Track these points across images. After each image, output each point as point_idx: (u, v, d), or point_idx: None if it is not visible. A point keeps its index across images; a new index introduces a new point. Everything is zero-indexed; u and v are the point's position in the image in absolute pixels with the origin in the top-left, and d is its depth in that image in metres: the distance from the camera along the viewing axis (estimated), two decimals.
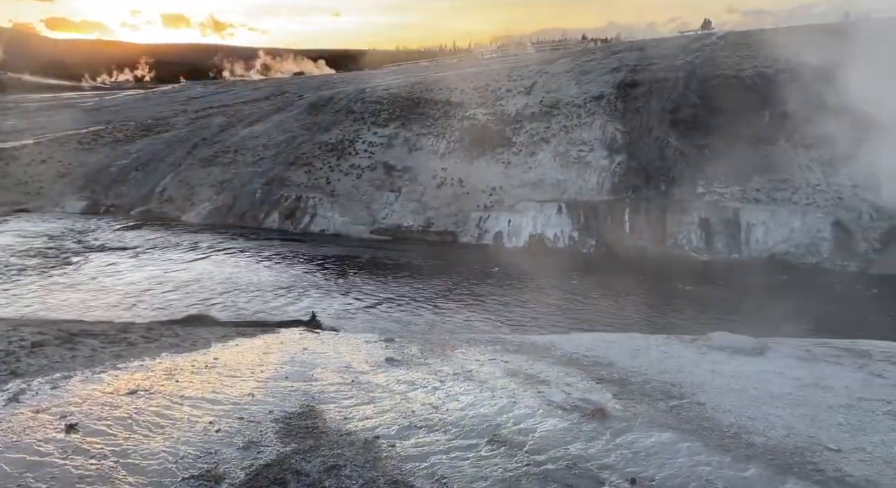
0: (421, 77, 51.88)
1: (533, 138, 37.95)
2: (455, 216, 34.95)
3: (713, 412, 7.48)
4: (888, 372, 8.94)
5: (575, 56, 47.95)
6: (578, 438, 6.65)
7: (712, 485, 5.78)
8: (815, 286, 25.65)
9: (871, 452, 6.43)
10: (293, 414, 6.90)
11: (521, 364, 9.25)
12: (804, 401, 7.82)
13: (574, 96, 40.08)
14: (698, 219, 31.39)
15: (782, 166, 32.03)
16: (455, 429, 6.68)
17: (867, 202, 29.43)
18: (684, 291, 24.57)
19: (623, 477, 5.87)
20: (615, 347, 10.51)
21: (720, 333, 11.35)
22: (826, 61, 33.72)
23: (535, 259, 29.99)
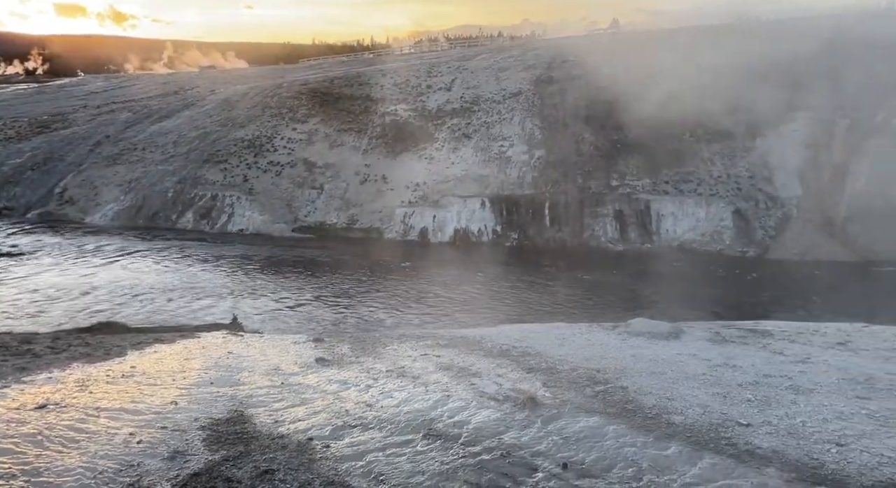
0: (340, 72, 51.08)
1: (455, 134, 38.26)
2: (380, 212, 34.73)
3: (636, 395, 7.85)
4: (788, 350, 9.70)
5: (492, 53, 48.67)
6: (511, 427, 6.80)
7: (637, 465, 6.07)
8: (718, 271, 27.36)
9: (776, 425, 6.96)
10: (221, 421, 6.66)
11: (453, 358, 9.34)
12: (716, 381, 8.35)
13: (493, 92, 40.73)
14: (613, 211, 32.75)
15: (688, 159, 33.92)
16: (390, 426, 6.67)
17: (762, 192, 31.70)
18: (603, 281, 25.56)
19: (555, 462, 6.06)
20: (542, 337, 10.81)
21: (639, 320, 11.90)
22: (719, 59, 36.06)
23: (461, 253, 30.32)
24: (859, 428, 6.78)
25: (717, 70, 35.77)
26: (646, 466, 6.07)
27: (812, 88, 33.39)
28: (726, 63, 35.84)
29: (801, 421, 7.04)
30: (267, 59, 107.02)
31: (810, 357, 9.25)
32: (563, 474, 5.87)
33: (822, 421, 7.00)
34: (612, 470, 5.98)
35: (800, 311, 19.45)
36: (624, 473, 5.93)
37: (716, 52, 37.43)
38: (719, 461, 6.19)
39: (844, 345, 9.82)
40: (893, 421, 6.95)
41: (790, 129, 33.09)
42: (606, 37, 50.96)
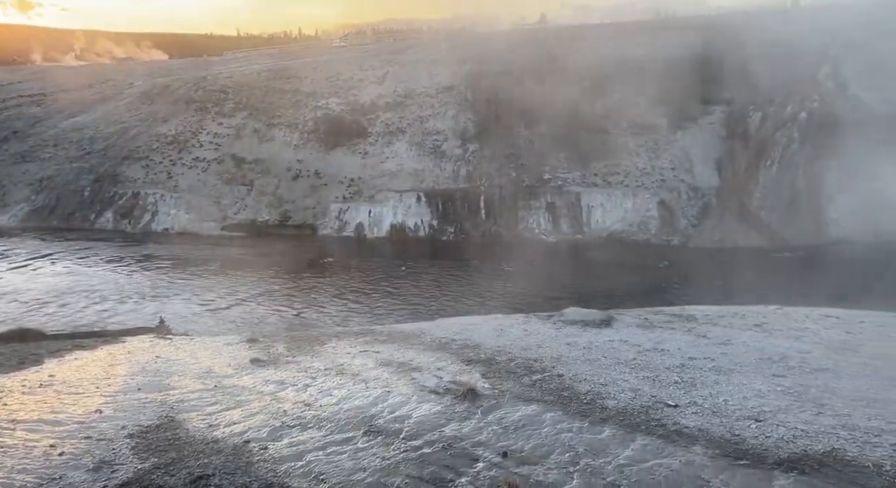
0: (267, 65, 49.71)
1: (389, 128, 38.04)
2: (313, 208, 34.12)
3: (571, 382, 8.07)
4: (711, 333, 10.21)
5: (424, 46, 48.64)
6: (452, 419, 6.85)
7: (574, 450, 6.25)
8: (645, 259, 28.50)
9: (701, 404, 7.32)
10: (150, 428, 6.38)
11: (392, 353, 9.30)
12: (646, 365, 8.70)
13: (426, 86, 40.72)
14: (546, 203, 33.51)
15: (615, 152, 35.09)
16: (330, 425, 6.58)
17: (685, 183, 33.22)
18: (538, 271, 26.12)
19: (495, 451, 6.15)
20: (480, 329, 10.93)
21: (572, 308, 12.21)
22: (644, 55, 37.45)
23: (398, 248, 30.25)
24: (775, 404, 7.23)
25: (640, 65, 37.13)
26: (582, 450, 6.26)
27: (727, 83, 35.18)
28: (648, 58, 37.25)
29: (724, 400, 7.43)
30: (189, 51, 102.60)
31: (731, 339, 9.78)
32: (503, 462, 5.97)
33: (742, 400, 7.41)
34: (551, 456, 6.13)
35: (719, 295, 20.49)
36: (561, 458, 6.08)
37: (639, 47, 38.83)
38: (650, 442, 6.45)
39: (761, 327, 10.44)
40: (805, 396, 7.46)
41: (708, 122, 34.78)
42: (535, 32, 51.88)
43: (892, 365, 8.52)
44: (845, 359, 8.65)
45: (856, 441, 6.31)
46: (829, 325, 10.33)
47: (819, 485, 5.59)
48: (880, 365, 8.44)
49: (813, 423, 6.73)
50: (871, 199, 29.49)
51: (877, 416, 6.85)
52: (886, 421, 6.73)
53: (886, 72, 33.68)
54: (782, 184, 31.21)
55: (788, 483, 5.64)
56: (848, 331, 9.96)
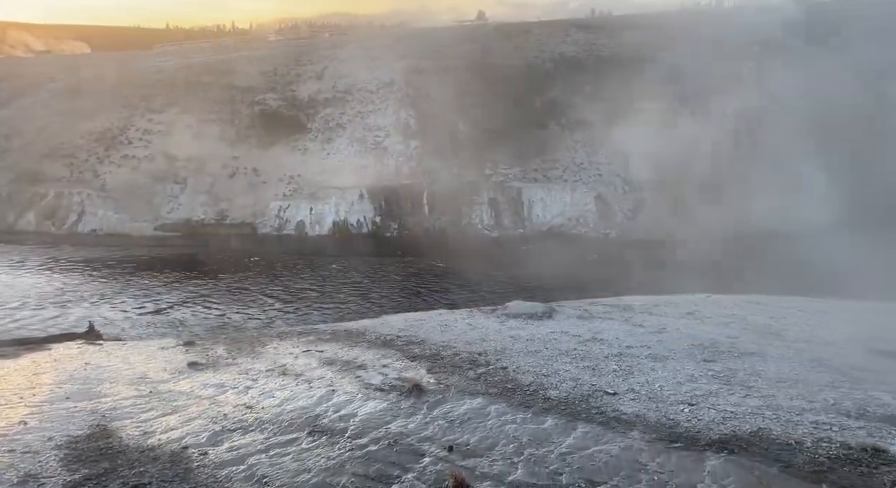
0: (200, 59, 47.98)
1: (329, 124, 37.47)
2: (252, 207, 33.24)
3: (515, 374, 8.21)
4: (647, 322, 10.60)
5: (363, 42, 48.10)
6: (398, 416, 6.86)
7: (518, 440, 6.37)
8: (584, 252, 29.20)
9: (638, 391, 7.60)
10: (80, 438, 6.09)
11: (336, 352, 9.21)
12: (586, 355, 8.95)
13: (366, 82, 40.30)
14: (488, 199, 33.81)
15: (554, 148, 35.76)
16: (273, 426, 6.47)
17: (620, 177, 34.23)
18: (481, 265, 26.32)
19: (441, 446, 6.20)
20: (425, 325, 10.96)
21: (515, 302, 12.42)
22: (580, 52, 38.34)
23: (340, 246, 29.88)
24: (707, 388, 7.59)
25: (576, 62, 37.95)
26: (526, 440, 6.38)
27: (659, 80, 36.38)
28: (584, 55, 38.12)
29: (659, 386, 7.74)
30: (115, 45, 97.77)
31: (665, 327, 10.17)
32: (449, 456, 6.02)
33: (676, 385, 7.73)
34: (496, 448, 6.23)
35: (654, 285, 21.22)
36: (506, 449, 6.19)
37: (574, 45, 39.69)
38: (591, 429, 6.65)
39: (693, 315, 10.91)
40: (734, 379, 7.85)
41: (641, 118, 35.89)
42: (474, 29, 52.22)
43: (812, 347, 9.09)
44: (770, 344, 9.16)
45: (779, 420, 6.70)
46: (756, 311, 10.90)
47: (747, 464, 5.89)
48: (802, 347, 8.98)
49: (741, 405, 7.10)
50: (792, 190, 31.23)
51: (798, 396, 7.29)
52: (807, 400, 7.18)
53: (802, 68, 35.67)
54: (711, 177, 32.59)
55: (719, 463, 5.93)
56: (772, 317, 10.55)
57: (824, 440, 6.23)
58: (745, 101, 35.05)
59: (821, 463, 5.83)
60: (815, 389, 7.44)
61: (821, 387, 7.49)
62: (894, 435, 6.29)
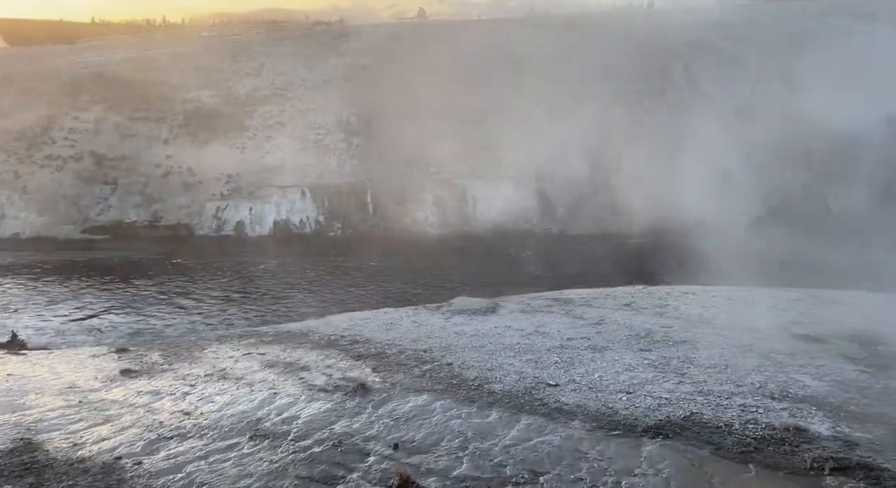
0: (128, 54, 46.00)
1: (268, 122, 36.65)
2: (188, 207, 32.18)
3: (460, 369, 8.28)
4: (586, 314, 10.89)
5: (302, 38, 47.25)
6: (343, 416, 6.80)
7: (463, 435, 6.43)
8: (527, 247, 29.68)
9: (579, 382, 7.80)
10: (2, 452, 5.77)
11: (278, 354, 9.05)
12: (529, 348, 9.11)
13: (305, 79, 39.64)
14: (432, 196, 33.90)
15: (497, 145, 36.15)
16: (212, 432, 6.30)
17: (561, 174, 34.96)
18: (428, 263, 26.36)
19: (387, 444, 6.19)
20: (370, 324, 10.90)
21: (460, 298, 12.52)
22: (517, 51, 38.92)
23: (282, 246, 29.31)
24: (643, 376, 7.87)
25: (516, 60, 38.47)
26: (471, 435, 6.46)
27: (595, 78, 37.32)
28: (523, 54, 38.69)
29: (599, 376, 7.97)
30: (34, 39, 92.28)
31: (604, 319, 10.48)
32: (394, 454, 6.02)
33: (615, 374, 7.98)
34: (441, 444, 6.27)
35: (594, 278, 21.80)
36: (451, 445, 6.24)
37: (514, 43, 40.21)
38: (534, 421, 6.78)
39: (629, 306, 11.28)
40: (668, 367, 8.17)
41: (579, 116, 36.74)
42: (415, 26, 52.16)
43: (739, 334, 9.56)
44: (701, 331, 9.58)
45: (710, 404, 7.03)
46: (688, 301, 11.37)
47: (681, 448, 6.16)
48: (729, 334, 9.43)
49: (675, 392, 7.41)
50: (720, 184, 32.68)
51: (727, 381, 7.66)
52: (735, 384, 7.55)
53: (729, 69, 37.37)
54: (646, 173, 33.72)
55: (655, 448, 6.17)
56: (703, 306, 11.03)
57: (751, 422, 6.58)
58: (677, 99, 36.41)
59: (748, 444, 6.15)
60: (743, 374, 7.83)
61: (748, 372, 7.89)
62: (814, 415, 6.70)
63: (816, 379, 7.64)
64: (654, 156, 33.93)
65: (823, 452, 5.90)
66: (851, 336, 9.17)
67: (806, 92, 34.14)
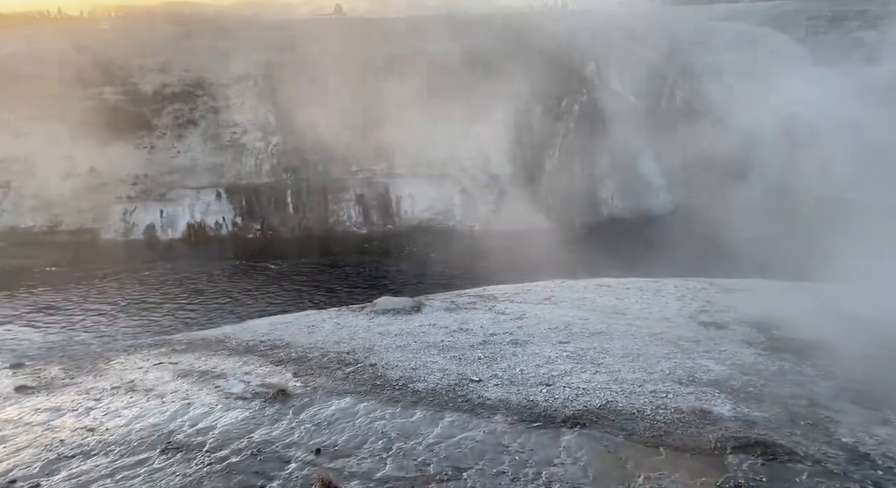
0: (19, 48, 42.51)
1: (178, 120, 34.98)
2: (91, 211, 30.26)
3: (384, 370, 8.22)
4: (508, 310, 11.08)
5: (215, 32, 45.34)
6: (262, 424, 6.61)
7: (387, 436, 6.41)
8: (451, 245, 29.90)
9: (501, 376, 7.94)
10: None
11: (193, 362, 8.66)
12: (453, 345, 9.18)
13: (219, 75, 38.09)
14: (355, 196, 33.54)
15: (420, 144, 36.15)
16: (120, 448, 5.95)
17: (483, 172, 35.46)
18: (349, 263, 26.07)
19: (308, 450, 6.07)
20: (291, 327, 10.62)
21: (384, 298, 12.41)
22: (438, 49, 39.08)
23: (197, 250, 28.13)
24: (562, 368, 8.11)
25: (435, 58, 38.60)
26: (394, 435, 6.44)
27: (513, 78, 38.05)
28: (442, 52, 38.89)
29: (520, 369, 8.14)
30: None
31: (525, 313, 10.71)
32: (316, 460, 5.91)
33: (535, 367, 8.18)
34: (364, 446, 6.22)
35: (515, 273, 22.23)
36: (374, 446, 6.20)
37: (432, 41, 40.31)
38: (457, 417, 6.85)
39: (549, 300, 11.59)
40: (585, 358, 8.46)
41: (500, 115, 37.38)
42: (333, 22, 51.32)
43: (650, 323, 10.02)
44: (616, 322, 9.97)
45: (624, 392, 7.34)
46: (603, 293, 11.81)
47: (597, 436, 6.39)
48: (641, 324, 9.88)
49: (591, 382, 7.68)
50: (633, 180, 34.22)
51: (640, 369, 8.02)
52: (647, 372, 7.92)
53: (638, 69, 39.07)
54: (563, 170, 34.80)
55: (573, 437, 6.37)
56: (617, 297, 11.49)
57: (661, 407, 6.92)
58: (590, 99, 37.71)
59: (659, 429, 6.47)
60: (654, 361, 8.23)
61: (658, 359, 8.29)
62: (717, 397, 7.13)
63: (719, 363, 8.14)
64: (571, 153, 35.05)
65: (726, 432, 6.30)
66: (750, 321, 9.83)
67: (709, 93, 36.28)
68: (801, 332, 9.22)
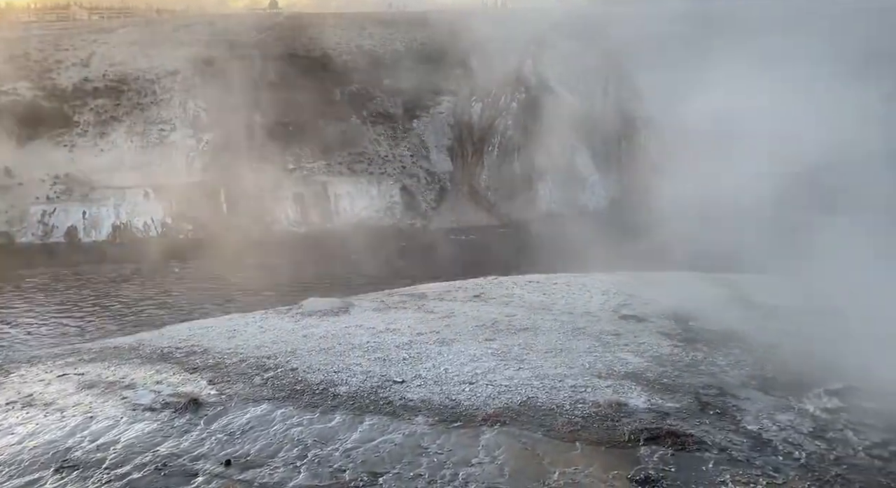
0: None
1: (101, 117, 33.31)
2: (6, 213, 28.47)
3: (305, 374, 8.02)
4: (437, 308, 11.03)
5: (139, 26, 43.44)
6: (170, 436, 6.32)
7: (303, 443, 6.23)
8: (388, 243, 29.65)
9: (425, 376, 7.87)
10: None
11: (101, 372, 8.21)
12: (378, 346, 9.04)
13: (144, 71, 36.47)
14: (292, 194, 32.77)
15: (357, 141, 35.74)
16: (9, 469, 5.57)
17: (423, 169, 35.36)
18: (283, 264, 25.37)
19: (218, 461, 5.83)
20: (212, 332, 10.24)
21: (311, 299, 12.16)
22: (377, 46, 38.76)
23: (123, 252, 26.88)
24: (486, 365, 8.11)
25: (375, 55, 38.24)
26: (311, 442, 6.27)
27: (452, 75, 38.09)
28: (382, 49, 38.58)
29: (445, 369, 8.09)
30: None
31: (454, 311, 10.69)
32: (225, 472, 5.69)
33: (460, 366, 8.15)
34: (278, 455, 6.02)
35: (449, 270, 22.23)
36: (289, 455, 6.02)
37: (372, 38, 39.93)
38: (377, 420, 6.73)
39: (479, 297, 11.61)
40: (509, 355, 8.49)
41: (439, 112, 37.38)
42: (268, 17, 50.06)
43: (574, 318, 10.15)
44: (541, 318, 10.07)
45: (545, 388, 7.39)
46: (531, 289, 11.92)
47: (516, 433, 6.41)
48: (566, 319, 10.01)
49: (514, 378, 7.71)
50: (569, 176, 34.81)
51: (562, 364, 8.11)
52: (568, 367, 8.01)
53: (573, 68, 39.74)
54: (502, 167, 35.07)
55: (492, 435, 6.37)
56: (545, 293, 11.62)
57: (580, 401, 7.01)
58: (528, 96, 38.12)
59: (576, 423, 6.54)
60: (575, 356, 8.34)
61: (580, 354, 8.41)
62: (633, 389, 7.28)
63: (637, 355, 8.33)
64: (510, 150, 35.39)
65: (639, 424, 6.43)
66: (669, 314, 10.11)
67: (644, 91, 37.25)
68: (716, 323, 9.56)
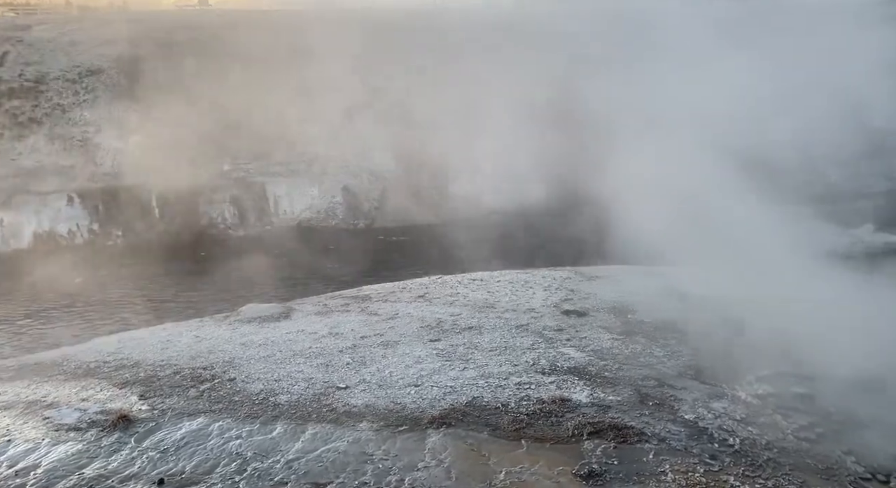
0: None
1: (18, 119, 31.33)
2: None
3: (244, 384, 7.73)
4: (381, 310, 10.87)
5: (57, 23, 41.10)
6: (97, 457, 5.96)
7: (242, 457, 6.00)
8: (330, 245, 29.16)
9: (369, 381, 7.73)
10: None
11: (20, 392, 7.68)
12: (321, 352, 8.83)
13: (65, 70, 34.52)
14: (229, 196, 31.75)
15: (296, 140, 34.93)
16: None
17: (365, 169, 34.91)
18: (218, 270, 24.49)
19: (149, 481, 5.54)
20: (143, 344, 9.75)
21: (249, 305, 11.79)
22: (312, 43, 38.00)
23: (45, 261, 25.28)
24: (431, 367, 8.03)
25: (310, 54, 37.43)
26: (250, 455, 6.04)
27: (393, 74, 37.73)
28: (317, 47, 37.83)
29: (389, 372, 7.97)
30: None
31: (398, 313, 10.56)
32: None
33: (405, 368, 8.05)
34: (216, 470, 5.78)
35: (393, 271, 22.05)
36: (227, 470, 5.78)
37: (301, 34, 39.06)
38: (320, 429, 6.56)
39: (423, 297, 11.52)
40: (455, 355, 8.45)
41: (380, 107, 36.92)
42: (197, 14, 48.38)
43: (518, 315, 10.20)
44: (486, 316, 10.08)
45: (490, 387, 7.39)
46: (475, 288, 11.92)
47: (462, 434, 6.36)
48: (510, 316, 10.05)
49: (459, 379, 7.67)
50: (511, 174, 35.14)
51: (506, 362, 8.12)
52: (513, 365, 8.04)
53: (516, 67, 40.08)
54: (445, 165, 35.05)
55: (438, 438, 6.30)
56: (489, 291, 11.64)
57: (524, 399, 7.04)
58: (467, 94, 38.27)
59: (521, 421, 6.56)
60: (520, 353, 8.38)
61: (524, 351, 8.46)
62: (576, 384, 7.37)
63: (579, 350, 8.44)
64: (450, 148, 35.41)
65: (583, 419, 6.51)
66: (609, 307, 10.31)
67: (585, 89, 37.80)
68: (652, 315, 9.80)
